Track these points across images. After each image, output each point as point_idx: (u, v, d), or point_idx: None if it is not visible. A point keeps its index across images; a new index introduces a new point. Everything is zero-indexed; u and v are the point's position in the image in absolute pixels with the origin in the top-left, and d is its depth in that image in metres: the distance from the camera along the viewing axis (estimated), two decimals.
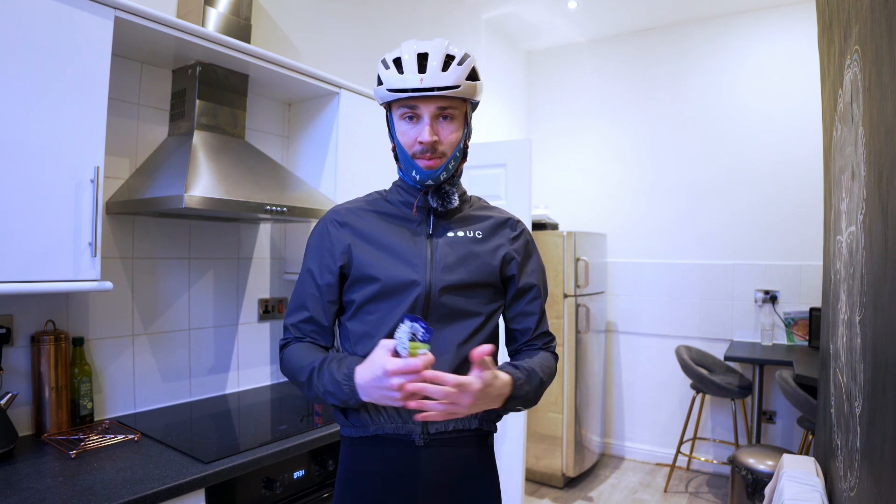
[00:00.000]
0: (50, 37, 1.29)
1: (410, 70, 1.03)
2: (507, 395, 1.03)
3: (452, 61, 1.04)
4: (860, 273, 1.11)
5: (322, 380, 1.04)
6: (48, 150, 1.30)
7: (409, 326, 0.94)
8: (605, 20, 3.93)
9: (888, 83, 0.88)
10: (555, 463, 3.41)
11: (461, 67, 1.04)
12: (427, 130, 1.05)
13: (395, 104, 1.08)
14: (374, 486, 1.09)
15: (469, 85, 1.06)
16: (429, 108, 1.05)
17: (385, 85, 1.06)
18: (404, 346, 0.93)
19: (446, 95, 1.04)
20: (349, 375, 1.00)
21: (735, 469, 2.47)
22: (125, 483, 1.23)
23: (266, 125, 2.23)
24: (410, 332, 0.94)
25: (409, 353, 0.93)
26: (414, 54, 1.04)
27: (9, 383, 1.49)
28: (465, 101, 1.10)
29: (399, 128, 1.09)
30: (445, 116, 1.07)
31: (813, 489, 1.35)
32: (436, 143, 1.06)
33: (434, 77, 1.02)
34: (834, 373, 1.46)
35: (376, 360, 0.96)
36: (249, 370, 2.18)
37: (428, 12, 3.25)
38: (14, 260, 1.26)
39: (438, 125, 1.07)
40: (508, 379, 1.03)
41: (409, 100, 1.05)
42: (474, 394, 0.94)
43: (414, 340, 0.93)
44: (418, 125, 1.07)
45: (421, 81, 1.02)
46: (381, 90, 1.07)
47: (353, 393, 1.00)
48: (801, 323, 3.47)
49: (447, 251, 1.11)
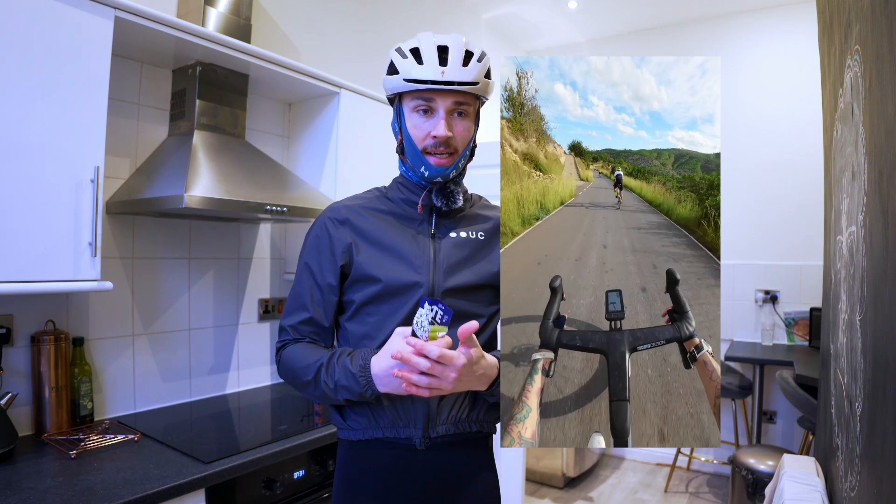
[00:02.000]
0: (50, 37, 1.29)
1: (430, 62, 1.01)
2: (494, 377, 1.02)
3: (472, 57, 1.03)
4: (861, 273, 1.11)
5: (334, 374, 1.02)
6: (48, 150, 1.30)
7: (429, 309, 0.92)
8: (605, 20, 3.93)
9: (889, 83, 0.88)
10: (555, 463, 3.41)
11: (480, 64, 1.04)
12: (443, 125, 1.03)
13: (408, 96, 1.05)
14: (373, 489, 1.08)
15: (486, 83, 1.06)
16: (445, 103, 1.03)
17: (402, 74, 1.03)
18: (424, 329, 0.92)
19: (465, 91, 1.03)
20: (365, 366, 0.99)
21: (735, 469, 2.46)
22: (125, 483, 1.23)
23: (266, 125, 2.23)
24: (431, 315, 0.91)
25: (430, 336, 0.92)
26: (434, 46, 1.02)
27: (9, 383, 1.49)
28: (478, 98, 1.09)
29: (411, 121, 1.06)
30: (460, 112, 1.05)
31: (813, 489, 1.35)
32: (450, 138, 1.04)
33: (455, 71, 1.01)
34: (834, 373, 1.45)
35: (393, 347, 0.95)
36: (249, 370, 2.18)
37: (428, 12, 3.25)
38: (14, 260, 1.26)
39: (453, 121, 1.05)
40: (495, 362, 1.02)
41: (425, 92, 1.03)
42: (458, 369, 0.92)
43: (434, 323, 0.92)
44: (432, 119, 1.04)
45: (442, 74, 1.00)
46: (396, 79, 1.04)
47: (370, 384, 0.99)
48: (802, 323, 3.47)
49: (450, 252, 1.10)
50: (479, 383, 1.00)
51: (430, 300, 0.93)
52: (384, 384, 0.98)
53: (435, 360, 0.90)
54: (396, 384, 0.95)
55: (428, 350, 0.90)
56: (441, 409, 1.07)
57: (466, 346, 0.94)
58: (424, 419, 1.06)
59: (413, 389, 0.93)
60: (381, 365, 0.97)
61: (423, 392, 0.93)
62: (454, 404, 1.08)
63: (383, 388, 0.98)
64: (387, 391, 0.99)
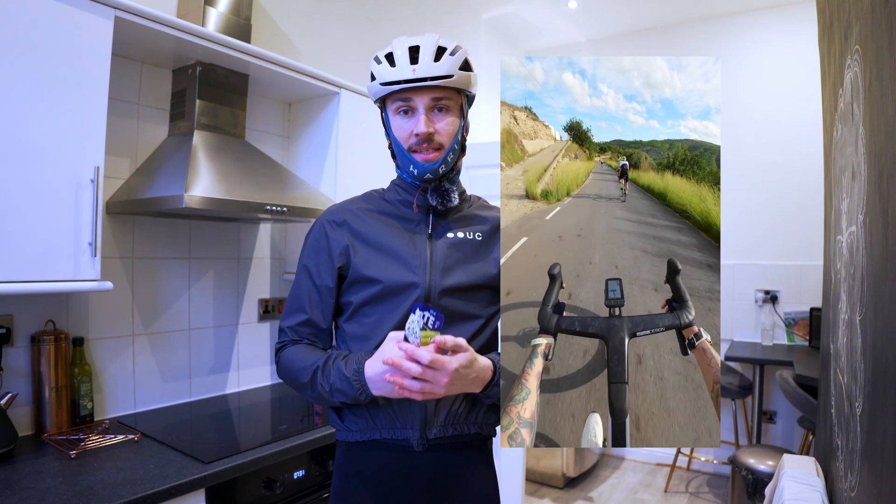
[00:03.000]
0: (50, 37, 1.29)
1: (402, 62, 1.03)
2: (489, 380, 1.02)
3: (444, 52, 1.04)
4: (861, 273, 1.11)
5: (329, 378, 1.03)
6: (48, 150, 1.30)
7: (421, 315, 0.93)
8: (604, 20, 3.93)
9: (889, 83, 0.88)
10: (555, 463, 3.41)
11: (453, 58, 1.04)
12: (422, 120, 1.04)
13: (390, 99, 1.07)
14: (371, 491, 1.08)
15: (463, 75, 1.06)
16: (423, 100, 1.04)
17: (378, 80, 1.05)
18: (416, 335, 0.93)
19: (440, 86, 1.04)
20: (359, 370, 1.00)
21: (735, 469, 2.47)
22: (125, 483, 1.23)
23: (266, 125, 2.23)
24: (422, 321, 0.93)
25: (422, 342, 0.93)
26: (405, 48, 1.04)
27: (9, 383, 1.49)
28: (460, 93, 1.09)
29: (394, 123, 1.08)
30: (441, 108, 1.06)
31: (813, 489, 1.35)
32: (432, 134, 1.05)
33: (427, 67, 1.02)
34: (834, 373, 1.45)
35: (386, 353, 0.96)
36: (249, 370, 2.18)
37: (428, 12, 3.25)
38: (14, 260, 1.26)
39: (434, 116, 1.06)
40: (490, 364, 1.02)
41: (402, 92, 1.04)
42: (450, 373, 0.93)
43: (425, 329, 0.93)
44: (413, 118, 1.06)
45: (413, 72, 1.02)
46: (374, 86, 1.07)
47: (364, 387, 1.00)
48: (802, 323, 3.47)
49: (447, 253, 1.10)
50: (472, 386, 1.00)
51: (421, 306, 0.94)
52: (378, 388, 0.99)
53: (427, 365, 0.91)
54: (390, 388, 0.97)
55: (419, 355, 0.91)
56: (438, 411, 1.07)
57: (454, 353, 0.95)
58: (422, 421, 1.06)
59: (406, 393, 0.94)
60: (375, 369, 0.98)
61: (416, 396, 0.94)
62: (452, 406, 1.07)
63: (377, 391, 0.99)
64: (380, 395, 1.00)
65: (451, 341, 0.94)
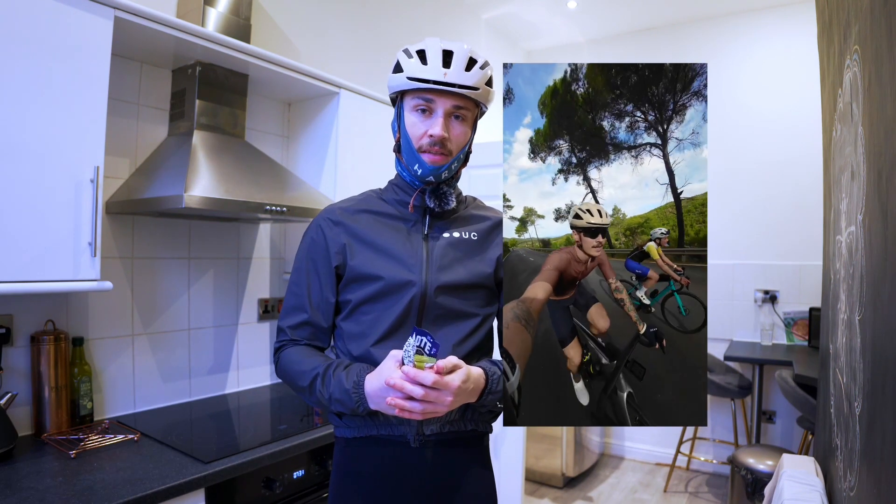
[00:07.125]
0: (50, 37, 1.29)
1: (434, 63, 1.03)
2: (483, 387, 1.03)
3: (475, 64, 1.06)
4: (860, 273, 1.11)
5: (328, 387, 1.04)
6: (48, 150, 1.30)
7: (417, 340, 0.94)
8: (604, 20, 3.93)
9: (888, 83, 0.88)
10: (554, 463, 3.41)
11: (482, 72, 1.06)
12: (441, 123, 1.05)
13: (409, 95, 1.07)
14: (368, 486, 1.09)
15: (486, 90, 1.08)
16: (444, 104, 1.05)
17: (406, 73, 1.05)
18: (410, 359, 0.94)
19: (465, 95, 1.05)
20: (359, 384, 1.01)
21: (735, 469, 2.47)
22: (125, 483, 1.23)
23: (266, 125, 2.23)
24: (417, 346, 0.94)
25: (416, 366, 0.94)
26: (439, 49, 1.04)
27: (9, 383, 1.49)
28: (478, 105, 1.11)
29: (409, 119, 1.08)
30: (458, 116, 1.07)
31: (813, 489, 1.35)
32: (445, 139, 1.06)
33: (457, 74, 1.03)
34: (833, 373, 1.46)
35: (385, 371, 0.97)
36: (249, 370, 2.18)
37: (428, 12, 3.25)
38: (14, 260, 1.26)
39: (450, 122, 1.07)
40: (481, 372, 1.04)
41: (426, 91, 1.05)
42: (454, 391, 0.94)
43: (420, 354, 0.94)
44: (430, 119, 1.06)
45: (444, 76, 1.03)
46: (400, 77, 1.06)
47: (362, 401, 1.00)
48: (801, 323, 3.47)
49: (443, 252, 1.11)
50: (471, 397, 1.02)
51: (418, 331, 0.94)
52: (376, 404, 1.00)
53: (430, 387, 0.92)
54: (390, 409, 0.97)
55: (422, 377, 0.91)
56: None
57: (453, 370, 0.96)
58: None
59: (406, 415, 0.95)
60: (375, 386, 0.98)
61: (417, 416, 0.95)
62: None
63: (375, 406, 1.00)
64: (378, 409, 1.01)
65: (448, 364, 0.94)
